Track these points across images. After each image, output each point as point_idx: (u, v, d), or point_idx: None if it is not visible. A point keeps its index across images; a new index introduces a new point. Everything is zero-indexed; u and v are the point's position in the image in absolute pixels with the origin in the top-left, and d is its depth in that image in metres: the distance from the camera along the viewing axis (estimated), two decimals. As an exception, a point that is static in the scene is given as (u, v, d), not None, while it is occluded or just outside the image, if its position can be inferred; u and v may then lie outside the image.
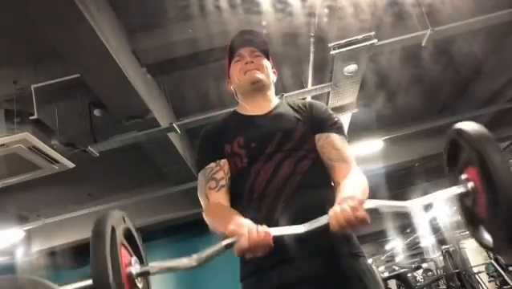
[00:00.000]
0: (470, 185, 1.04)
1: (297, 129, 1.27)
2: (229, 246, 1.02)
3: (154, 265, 1.08)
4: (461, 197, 1.10)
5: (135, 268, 1.03)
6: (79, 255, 6.74)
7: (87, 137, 3.60)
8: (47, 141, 3.21)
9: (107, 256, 0.93)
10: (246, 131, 1.29)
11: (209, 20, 3.08)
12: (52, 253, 6.04)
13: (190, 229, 6.80)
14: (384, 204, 1.08)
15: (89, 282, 0.94)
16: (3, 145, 2.89)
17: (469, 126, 1.04)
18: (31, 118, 3.13)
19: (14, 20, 2.67)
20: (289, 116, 1.32)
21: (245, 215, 1.18)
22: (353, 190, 1.11)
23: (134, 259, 1.05)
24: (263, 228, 0.99)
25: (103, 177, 5.21)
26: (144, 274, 1.06)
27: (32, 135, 2.97)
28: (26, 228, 5.40)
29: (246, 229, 0.98)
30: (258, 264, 1.15)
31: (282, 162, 1.21)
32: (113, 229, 0.98)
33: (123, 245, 1.02)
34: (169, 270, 1.12)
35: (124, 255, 1.01)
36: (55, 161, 3.27)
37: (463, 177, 1.07)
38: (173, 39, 3.17)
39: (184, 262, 1.08)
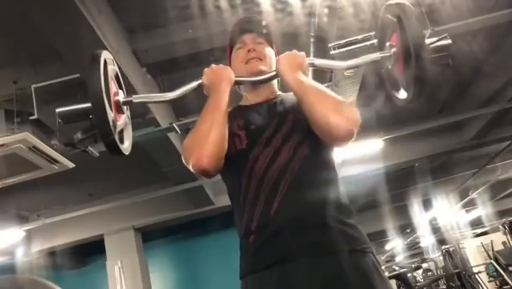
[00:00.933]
0: (393, 50, 1.25)
1: (292, 112, 1.24)
2: (201, 85, 1.29)
3: (137, 96, 1.31)
4: (385, 61, 1.29)
5: (121, 97, 1.26)
6: (79, 255, 6.75)
7: (87, 137, 3.60)
8: (47, 141, 3.21)
9: (101, 82, 1.13)
10: (246, 115, 1.28)
11: (209, 20, 3.08)
12: (52, 253, 6.05)
13: (190, 230, 6.81)
14: (321, 61, 1.33)
15: (86, 104, 1.18)
16: (3, 145, 2.89)
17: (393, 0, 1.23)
18: (31, 118, 3.13)
19: (14, 20, 2.68)
20: (289, 102, 1.30)
21: (243, 202, 1.17)
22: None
23: (121, 91, 1.27)
24: None
25: (103, 177, 5.21)
26: (129, 103, 1.28)
27: (32, 135, 2.97)
28: (26, 228, 5.40)
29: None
30: (258, 262, 1.13)
31: (281, 147, 1.18)
32: (105, 62, 1.20)
33: (113, 79, 1.23)
34: (150, 101, 1.45)
35: (114, 87, 1.22)
36: (55, 161, 3.27)
37: (388, 44, 1.28)
38: (173, 39, 3.17)
39: (165, 94, 1.35)
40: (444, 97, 5.22)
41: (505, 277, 6.56)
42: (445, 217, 9.42)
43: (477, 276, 7.28)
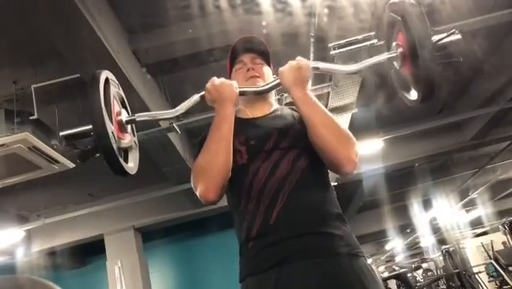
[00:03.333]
0: (400, 50, 1.22)
1: (293, 127, 1.29)
2: (203, 97, 1.27)
3: (140, 114, 1.26)
4: (392, 62, 1.27)
5: (124, 116, 1.23)
6: (79, 255, 6.75)
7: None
8: (47, 141, 3.21)
9: (101, 102, 1.10)
10: (246, 130, 1.30)
11: (209, 20, 3.08)
12: (52, 253, 6.05)
13: (190, 230, 6.81)
14: (325, 65, 1.32)
15: (88, 126, 1.15)
16: (3, 145, 2.89)
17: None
18: (31, 118, 3.13)
19: (14, 20, 2.67)
20: (287, 116, 1.35)
21: (243, 213, 1.22)
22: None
23: (123, 110, 1.24)
24: None
25: (103, 177, 5.19)
26: (132, 122, 1.24)
27: (32, 135, 2.97)
28: (26, 228, 5.40)
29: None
30: (257, 265, 1.17)
31: (280, 160, 1.23)
32: (107, 81, 1.15)
33: (115, 98, 1.20)
34: (155, 118, 1.37)
35: (116, 106, 1.19)
36: (55, 161, 3.27)
37: (394, 44, 1.24)
38: (173, 39, 3.17)
39: (167, 111, 1.30)
40: (444, 97, 5.22)
41: (505, 277, 6.56)
42: (445, 218, 9.42)
43: (477, 276, 7.29)
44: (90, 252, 6.64)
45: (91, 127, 1.13)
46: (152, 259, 6.48)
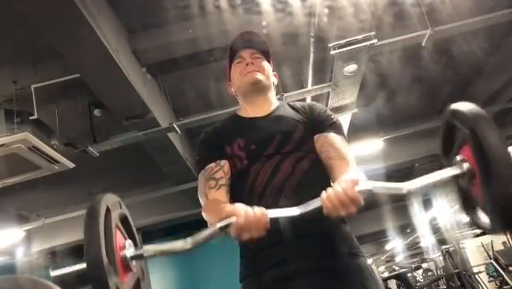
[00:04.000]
0: (466, 165, 1.02)
1: (296, 131, 1.27)
2: (224, 228, 1.00)
3: (148, 248, 1.05)
4: (457, 179, 1.07)
5: (129, 251, 1.01)
6: (79, 255, 6.74)
7: (87, 137, 3.60)
8: (47, 141, 3.21)
9: (101, 238, 0.90)
10: (246, 133, 1.29)
11: (209, 20, 3.08)
12: (52, 253, 6.05)
13: (190, 230, 6.76)
14: (378, 185, 1.06)
15: (83, 265, 0.91)
16: (3, 145, 2.89)
17: (463, 106, 1.00)
18: (31, 118, 3.13)
19: (14, 20, 2.67)
20: (289, 117, 1.33)
21: None
22: (347, 176, 1.09)
23: (128, 242, 1.03)
24: (259, 208, 0.99)
25: (103, 177, 5.21)
26: (139, 258, 1.04)
27: (32, 135, 2.97)
28: (26, 228, 5.40)
29: (243, 209, 0.98)
30: (257, 265, 1.17)
31: (281, 163, 1.22)
32: (108, 210, 0.97)
33: (118, 228, 1.01)
34: (164, 253, 1.08)
35: (119, 238, 1.00)
36: (55, 161, 3.27)
37: (458, 158, 1.04)
38: (173, 39, 3.17)
39: (178, 244, 1.05)
40: (445, 97, 5.22)
41: (505, 277, 6.56)
42: (445, 217, 9.42)
43: (477, 276, 7.28)
44: (90, 252, 6.63)
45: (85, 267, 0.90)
46: (152, 259, 6.46)
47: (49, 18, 2.29)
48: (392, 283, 10.02)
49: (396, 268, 7.30)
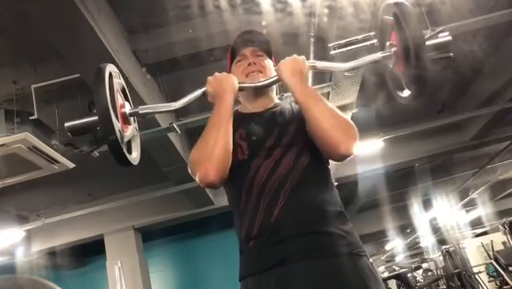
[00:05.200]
0: (393, 49, 1.26)
1: (293, 122, 1.28)
2: (205, 92, 1.31)
3: (143, 107, 1.33)
4: (386, 61, 1.31)
5: (127, 109, 1.28)
6: (79, 255, 6.76)
7: (87, 137, 3.60)
8: (47, 141, 3.21)
9: (107, 93, 1.14)
10: (247, 126, 1.30)
11: (209, 20, 3.08)
12: (52, 253, 6.05)
13: (190, 230, 6.81)
14: (321, 62, 1.36)
15: (93, 117, 1.18)
16: (3, 145, 2.89)
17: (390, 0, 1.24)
18: (31, 118, 3.13)
19: (14, 20, 2.67)
20: (286, 112, 1.34)
21: (244, 211, 1.20)
22: None
23: (127, 103, 1.30)
24: None
25: (103, 177, 5.21)
26: (135, 114, 1.31)
27: (32, 135, 2.97)
28: (26, 228, 5.40)
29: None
30: (257, 265, 1.16)
31: (281, 158, 1.22)
32: (110, 75, 1.21)
33: (119, 92, 1.25)
34: (157, 111, 1.47)
35: (120, 99, 1.24)
36: (55, 161, 3.27)
37: (387, 43, 1.29)
38: (173, 39, 3.17)
39: (170, 104, 1.35)
40: (445, 97, 5.22)
41: (505, 277, 6.56)
42: (445, 218, 9.42)
43: (477, 276, 7.29)
44: (90, 252, 6.64)
45: (95, 118, 1.16)
46: (152, 259, 6.48)
47: (49, 18, 2.29)
48: (392, 283, 10.01)
49: (396, 268, 7.28)
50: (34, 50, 3.01)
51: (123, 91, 1.33)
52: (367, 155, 5.12)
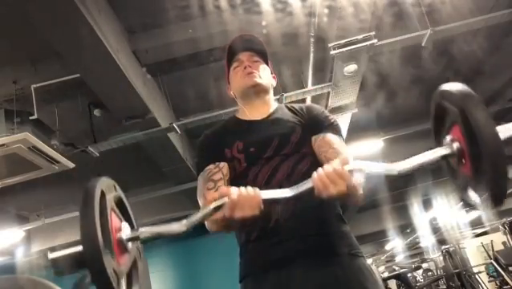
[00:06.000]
0: (455, 145, 1.03)
1: (294, 133, 1.27)
2: (218, 208, 1.01)
3: (145, 230, 1.06)
4: (447, 159, 1.08)
5: (125, 233, 1.01)
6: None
7: (87, 137, 3.60)
8: (47, 141, 3.21)
9: (96, 220, 0.90)
10: (245, 136, 1.29)
11: (209, 20, 3.08)
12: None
13: (190, 230, 6.81)
14: (368, 164, 1.07)
15: (79, 248, 0.92)
16: (3, 145, 2.89)
17: (452, 86, 1.02)
18: (31, 118, 3.13)
19: (14, 20, 2.67)
20: (287, 120, 1.33)
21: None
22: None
23: (124, 225, 1.04)
24: (252, 188, 1.01)
25: (103, 177, 5.20)
26: (135, 240, 1.04)
27: (32, 135, 2.97)
28: (26, 228, 5.40)
29: (236, 188, 1.00)
30: (257, 265, 1.17)
31: (279, 165, 1.22)
32: (103, 194, 0.98)
33: (114, 210, 1.02)
34: (160, 235, 1.09)
35: (115, 221, 1.00)
36: (55, 161, 3.27)
37: (448, 138, 1.06)
38: (173, 39, 3.17)
39: (174, 227, 1.06)
40: (444, 97, 5.21)
41: (505, 277, 6.56)
42: (445, 217, 9.42)
43: (477, 276, 7.29)
44: (90, 252, 6.63)
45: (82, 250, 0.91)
46: (152, 259, 6.48)
47: (49, 17, 2.29)
48: (392, 283, 10.02)
49: (396, 268, 7.30)
50: (34, 50, 3.01)
51: (120, 204, 1.09)
52: (368, 155, 5.12)
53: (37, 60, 3.12)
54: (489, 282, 7.90)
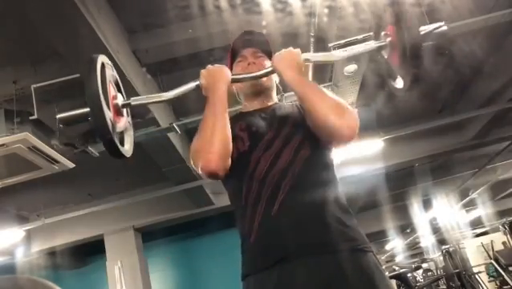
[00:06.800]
0: (388, 39, 1.29)
1: (292, 115, 1.30)
2: (199, 86, 1.29)
3: (135, 98, 1.30)
4: (380, 51, 1.33)
5: (120, 100, 1.26)
6: (79, 255, 6.75)
7: (87, 137, 3.60)
8: (47, 141, 3.21)
9: (98, 84, 1.12)
10: (246, 119, 1.31)
11: (209, 20, 3.08)
12: (52, 253, 6.05)
13: (190, 230, 6.82)
14: (314, 54, 1.36)
15: (85, 109, 1.18)
16: (3, 145, 2.89)
17: None
18: (31, 118, 3.12)
19: (14, 20, 2.67)
20: (286, 107, 1.36)
21: (245, 205, 1.19)
22: None
23: (119, 95, 1.28)
24: None
25: (103, 177, 5.21)
26: (128, 106, 1.29)
27: (32, 135, 2.97)
28: (26, 228, 5.40)
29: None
30: (258, 263, 1.14)
31: (281, 150, 1.21)
32: (103, 66, 1.20)
33: (111, 83, 1.24)
34: (148, 102, 1.41)
35: (112, 90, 1.23)
36: (55, 161, 3.27)
37: (383, 33, 1.31)
38: (173, 39, 3.17)
39: (161, 95, 1.35)
40: (445, 97, 5.22)
41: (506, 277, 6.56)
42: (445, 217, 9.42)
43: (477, 276, 7.28)
44: (90, 252, 6.63)
45: (87, 110, 1.16)
46: (152, 259, 6.48)
47: (49, 18, 2.29)
48: (392, 283, 10.01)
49: (396, 268, 7.28)
50: (34, 50, 3.01)
51: (117, 84, 1.32)
52: (368, 155, 5.12)
53: (37, 60, 3.12)
54: (489, 282, 7.90)
